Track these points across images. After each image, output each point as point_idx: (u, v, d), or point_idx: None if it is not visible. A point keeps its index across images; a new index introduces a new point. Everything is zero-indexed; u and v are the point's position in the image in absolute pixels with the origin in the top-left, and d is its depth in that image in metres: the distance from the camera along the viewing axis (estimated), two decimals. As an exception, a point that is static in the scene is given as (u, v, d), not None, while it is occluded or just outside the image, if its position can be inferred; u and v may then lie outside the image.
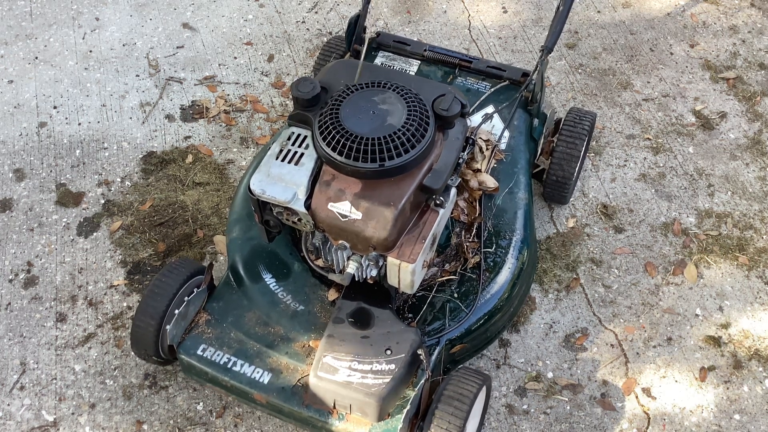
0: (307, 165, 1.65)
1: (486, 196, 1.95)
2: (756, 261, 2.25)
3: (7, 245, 2.26)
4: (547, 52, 2.01)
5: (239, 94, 2.68)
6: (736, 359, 2.05)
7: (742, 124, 2.61)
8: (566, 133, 2.20)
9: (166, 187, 2.39)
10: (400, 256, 1.60)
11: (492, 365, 2.03)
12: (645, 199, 2.40)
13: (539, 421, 1.94)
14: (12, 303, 2.14)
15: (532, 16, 2.98)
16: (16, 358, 2.03)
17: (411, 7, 3.02)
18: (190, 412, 1.94)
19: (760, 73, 2.77)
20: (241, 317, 1.79)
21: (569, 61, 2.81)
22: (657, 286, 2.20)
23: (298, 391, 1.68)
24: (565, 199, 2.31)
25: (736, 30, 2.92)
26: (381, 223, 1.57)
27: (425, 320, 1.81)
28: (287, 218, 1.70)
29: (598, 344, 2.08)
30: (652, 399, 1.98)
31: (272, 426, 1.92)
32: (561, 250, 2.27)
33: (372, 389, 1.59)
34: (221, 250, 2.23)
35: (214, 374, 1.72)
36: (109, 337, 2.07)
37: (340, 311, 1.71)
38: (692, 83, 2.73)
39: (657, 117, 2.63)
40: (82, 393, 1.97)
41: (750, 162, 2.50)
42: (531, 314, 2.13)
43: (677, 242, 2.29)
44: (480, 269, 1.87)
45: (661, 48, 2.86)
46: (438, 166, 1.65)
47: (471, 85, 2.15)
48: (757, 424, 1.94)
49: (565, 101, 2.67)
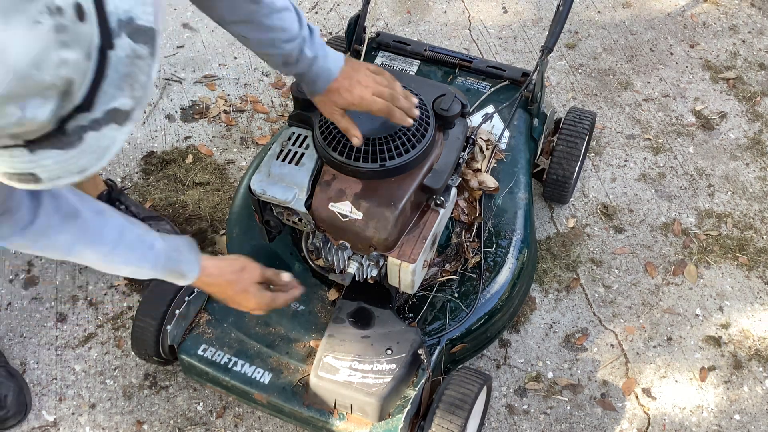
0: (307, 165, 1.65)
1: (486, 196, 1.95)
2: (756, 261, 2.25)
3: (7, 245, 2.26)
4: (547, 52, 2.02)
5: (239, 94, 2.68)
6: (736, 359, 2.05)
7: (742, 124, 2.61)
8: (566, 133, 2.20)
9: (167, 187, 2.39)
10: (401, 256, 1.60)
11: (492, 365, 2.04)
12: (645, 199, 2.40)
13: (539, 421, 1.94)
14: (12, 303, 2.14)
15: (532, 16, 2.98)
16: (16, 358, 2.03)
17: (411, 7, 3.02)
18: (190, 412, 1.94)
19: (760, 73, 2.77)
20: (242, 317, 1.79)
21: (569, 61, 2.81)
22: (657, 286, 2.20)
23: (299, 391, 1.68)
24: (565, 199, 2.31)
25: (736, 30, 2.92)
26: (381, 223, 1.57)
27: (426, 320, 1.81)
28: (287, 218, 1.70)
29: (598, 344, 2.08)
30: (652, 399, 1.98)
31: (272, 426, 1.92)
32: (561, 250, 2.27)
33: (373, 389, 1.59)
34: (221, 249, 2.23)
35: (214, 374, 1.72)
36: (109, 337, 2.07)
37: (341, 311, 1.71)
38: (692, 83, 2.74)
39: (657, 117, 2.63)
40: (83, 393, 1.97)
41: (750, 162, 2.50)
42: (531, 314, 2.13)
43: (677, 242, 2.29)
44: (480, 269, 1.87)
45: (661, 48, 2.86)
46: (438, 166, 1.65)
47: (471, 85, 2.15)
48: (757, 424, 1.94)
49: (565, 101, 2.67)
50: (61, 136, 0.75)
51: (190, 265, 1.41)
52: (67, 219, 1.22)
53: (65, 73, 0.70)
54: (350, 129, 1.51)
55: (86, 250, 1.27)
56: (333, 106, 1.50)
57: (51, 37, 0.67)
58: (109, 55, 0.73)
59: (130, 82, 0.76)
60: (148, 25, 0.75)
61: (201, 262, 1.43)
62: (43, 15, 0.66)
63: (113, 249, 1.30)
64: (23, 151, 0.75)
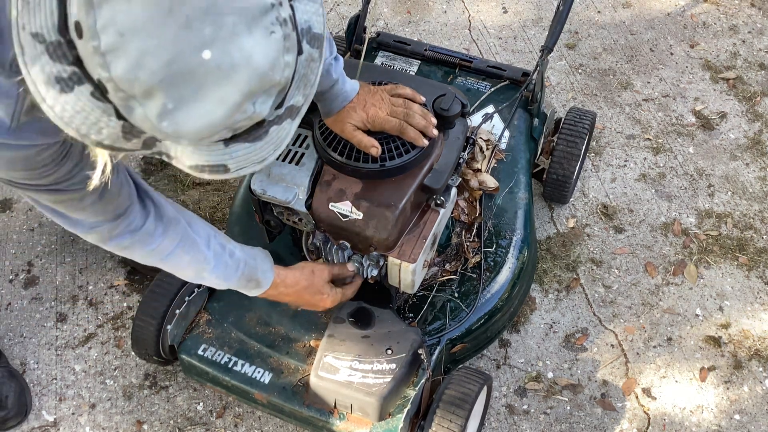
0: (307, 165, 1.65)
1: (486, 196, 1.95)
2: (756, 261, 2.25)
3: (7, 245, 2.25)
4: (547, 52, 2.02)
5: (239, 94, 2.68)
6: (736, 359, 2.05)
7: (742, 125, 2.61)
8: (566, 132, 2.20)
9: (167, 187, 2.39)
10: (401, 256, 1.61)
11: (492, 365, 2.04)
12: (645, 199, 2.40)
13: (539, 421, 1.94)
14: (12, 303, 2.14)
15: (532, 16, 2.98)
16: (16, 358, 2.03)
17: (411, 7, 3.02)
18: (190, 412, 1.94)
19: (760, 73, 2.77)
20: (242, 317, 1.79)
21: (569, 61, 2.81)
22: (657, 286, 2.20)
23: (299, 391, 1.68)
24: (565, 199, 2.31)
25: (736, 30, 2.92)
26: (382, 222, 1.57)
27: (426, 320, 1.81)
28: (288, 218, 1.70)
29: (598, 344, 2.08)
30: (652, 399, 1.99)
31: (272, 426, 1.92)
32: (561, 250, 2.27)
33: (373, 389, 1.59)
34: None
35: (214, 374, 1.73)
36: (109, 337, 2.07)
37: (341, 311, 1.71)
38: (692, 83, 2.74)
39: (657, 117, 2.63)
40: (83, 393, 1.97)
41: (750, 162, 2.50)
42: (531, 314, 2.13)
43: (677, 242, 2.29)
44: (480, 269, 1.87)
45: (661, 48, 2.86)
46: (438, 166, 1.65)
47: (471, 85, 2.15)
48: (757, 424, 1.95)
49: (565, 101, 2.67)
50: (257, 129, 0.86)
51: (266, 274, 1.50)
52: (169, 225, 1.33)
53: (287, 74, 0.82)
54: (364, 141, 1.53)
55: (184, 255, 1.36)
56: (346, 123, 1.52)
57: (281, 44, 0.80)
58: (299, 59, 0.85)
59: (305, 81, 0.88)
60: (319, 32, 0.87)
61: (275, 272, 1.52)
62: (275, 26, 0.78)
63: (205, 255, 1.39)
64: (220, 145, 0.85)
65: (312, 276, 1.59)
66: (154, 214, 1.31)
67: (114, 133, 0.81)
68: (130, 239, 1.29)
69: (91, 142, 0.83)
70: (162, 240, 1.32)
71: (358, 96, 1.54)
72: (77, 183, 1.12)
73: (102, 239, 1.28)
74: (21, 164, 1.03)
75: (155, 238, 1.31)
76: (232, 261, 1.43)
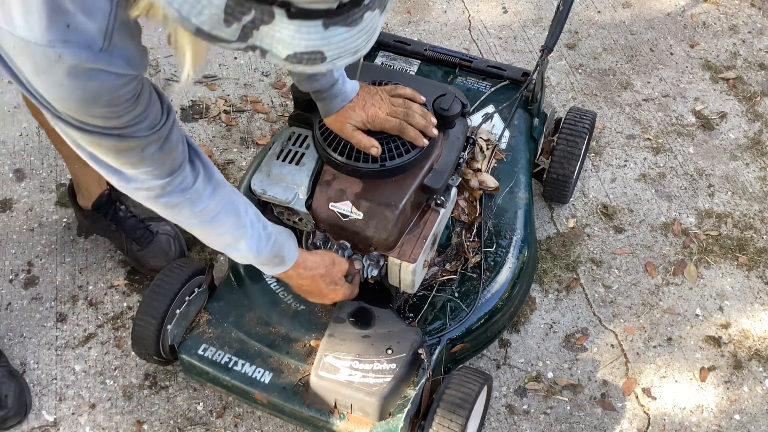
0: (307, 165, 1.65)
1: (486, 196, 1.95)
2: (756, 261, 2.25)
3: (7, 245, 2.25)
4: (548, 51, 2.02)
5: (239, 94, 2.68)
6: (736, 359, 2.05)
7: (742, 124, 2.61)
8: (566, 132, 2.20)
9: (167, 187, 2.39)
10: (401, 256, 1.61)
11: (492, 365, 2.04)
12: (645, 199, 2.40)
13: (539, 421, 1.94)
14: (12, 303, 2.14)
15: (532, 16, 2.98)
16: (16, 358, 2.03)
17: (411, 7, 3.02)
18: (190, 412, 1.94)
19: (760, 73, 2.77)
20: (242, 317, 1.79)
21: (569, 61, 2.81)
22: (657, 286, 2.20)
23: (299, 391, 1.68)
24: (565, 198, 2.31)
25: (736, 30, 2.92)
26: (382, 222, 1.57)
27: (426, 320, 1.81)
28: (288, 218, 1.70)
29: (598, 344, 2.08)
30: (652, 399, 1.99)
31: (272, 426, 1.92)
32: (561, 250, 2.27)
33: (373, 388, 1.59)
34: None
35: (215, 374, 1.72)
36: (109, 337, 2.07)
37: (341, 311, 1.71)
38: (692, 83, 2.74)
39: (657, 117, 2.63)
40: (82, 393, 1.97)
41: (750, 162, 2.50)
42: (531, 314, 2.13)
43: (677, 242, 2.29)
44: (480, 269, 1.87)
45: (661, 48, 2.86)
46: (439, 166, 1.65)
47: (471, 85, 2.15)
48: (757, 424, 1.95)
49: (565, 101, 2.67)
50: (355, 11, 0.85)
51: (291, 252, 1.50)
52: (218, 187, 1.33)
53: None
54: (364, 141, 1.53)
55: (227, 219, 1.36)
56: (346, 123, 1.52)
57: None
58: None
59: None
60: None
61: (299, 252, 1.52)
62: None
63: (244, 223, 1.38)
64: (319, 27, 0.84)
65: (332, 266, 1.59)
66: (203, 175, 1.30)
67: (215, 14, 0.80)
68: (181, 197, 1.28)
69: (190, 27, 0.81)
70: (210, 201, 1.31)
71: (357, 96, 1.54)
72: (144, 129, 1.11)
73: (154, 196, 1.26)
74: (106, 96, 1.00)
75: (203, 198, 1.31)
76: (265, 233, 1.43)
